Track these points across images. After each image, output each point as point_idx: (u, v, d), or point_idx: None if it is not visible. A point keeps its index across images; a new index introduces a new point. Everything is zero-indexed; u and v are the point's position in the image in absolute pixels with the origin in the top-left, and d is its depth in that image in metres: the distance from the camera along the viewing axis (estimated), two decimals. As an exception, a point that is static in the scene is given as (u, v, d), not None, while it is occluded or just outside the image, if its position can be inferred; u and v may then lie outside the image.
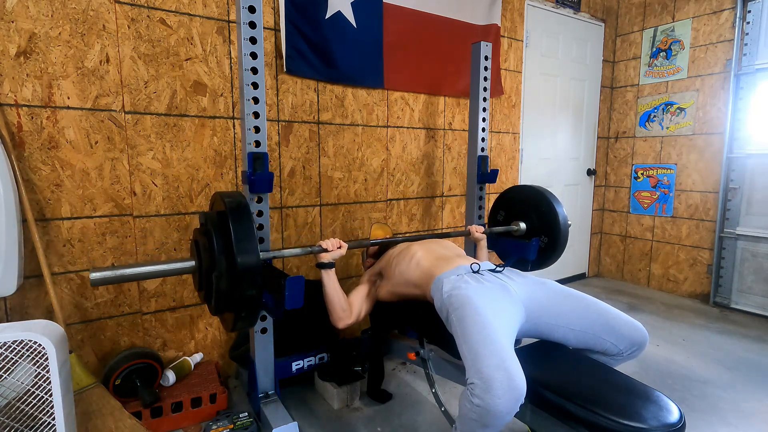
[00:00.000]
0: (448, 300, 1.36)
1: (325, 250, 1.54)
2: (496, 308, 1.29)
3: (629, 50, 3.54)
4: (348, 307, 1.63)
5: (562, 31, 3.25)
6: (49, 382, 1.00)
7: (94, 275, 1.14)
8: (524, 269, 2.16)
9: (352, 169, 2.32)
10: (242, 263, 1.18)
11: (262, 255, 1.29)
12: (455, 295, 1.35)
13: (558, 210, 2.02)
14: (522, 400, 1.07)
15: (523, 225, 2.16)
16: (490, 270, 1.52)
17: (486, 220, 2.49)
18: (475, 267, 1.51)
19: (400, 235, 2.56)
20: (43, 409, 1.01)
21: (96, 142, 1.67)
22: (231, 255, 1.19)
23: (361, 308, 1.69)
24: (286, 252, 1.51)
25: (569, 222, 2.09)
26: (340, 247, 1.57)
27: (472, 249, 2.14)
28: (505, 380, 1.06)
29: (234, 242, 1.18)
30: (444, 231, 2.72)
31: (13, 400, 1.01)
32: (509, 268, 1.56)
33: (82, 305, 1.70)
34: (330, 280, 1.57)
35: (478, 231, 2.02)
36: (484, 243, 2.04)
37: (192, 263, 1.29)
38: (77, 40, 1.60)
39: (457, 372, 1.54)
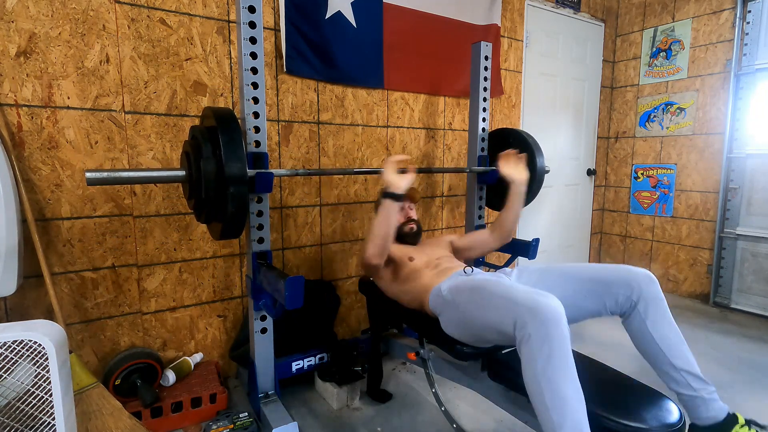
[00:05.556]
0: (450, 294, 1.37)
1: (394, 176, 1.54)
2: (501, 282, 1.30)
3: (629, 50, 3.54)
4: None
5: (562, 31, 3.25)
6: (49, 382, 1.00)
7: (90, 174, 1.21)
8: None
9: (352, 169, 2.32)
10: (229, 169, 1.29)
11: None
12: (455, 285, 1.37)
13: (534, 149, 2.16)
14: (563, 311, 1.05)
15: None
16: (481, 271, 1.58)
17: (485, 220, 2.49)
18: (468, 270, 1.55)
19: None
20: (43, 409, 1.01)
21: (96, 142, 1.67)
22: (219, 159, 1.30)
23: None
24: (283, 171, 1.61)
25: (547, 168, 2.24)
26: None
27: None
28: (543, 299, 1.06)
29: (222, 145, 1.29)
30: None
31: (13, 400, 1.01)
32: (501, 268, 1.61)
33: (82, 305, 1.70)
34: (394, 212, 1.50)
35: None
36: (523, 189, 1.81)
37: (183, 173, 1.40)
38: (77, 40, 1.60)
39: (457, 372, 1.54)
